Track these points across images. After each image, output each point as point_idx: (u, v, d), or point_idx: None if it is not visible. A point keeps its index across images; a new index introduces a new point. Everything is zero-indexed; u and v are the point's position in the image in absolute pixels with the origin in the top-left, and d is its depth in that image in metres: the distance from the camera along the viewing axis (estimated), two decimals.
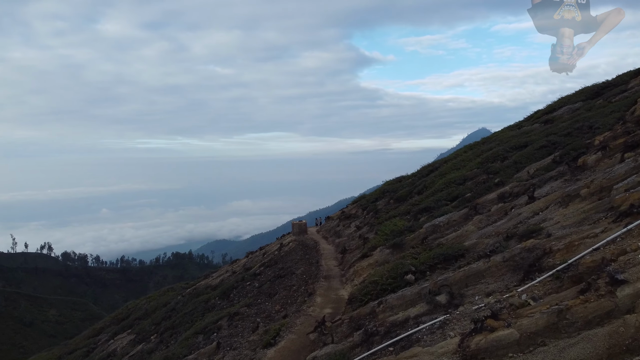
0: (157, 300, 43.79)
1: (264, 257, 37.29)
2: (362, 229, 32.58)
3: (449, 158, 40.25)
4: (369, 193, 45.48)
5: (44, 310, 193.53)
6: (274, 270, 33.01)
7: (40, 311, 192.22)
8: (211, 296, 35.27)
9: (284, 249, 35.74)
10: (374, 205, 37.09)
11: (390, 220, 27.03)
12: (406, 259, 15.95)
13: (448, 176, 31.57)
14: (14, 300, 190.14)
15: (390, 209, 32.71)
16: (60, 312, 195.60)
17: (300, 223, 41.37)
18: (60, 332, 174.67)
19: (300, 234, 39.42)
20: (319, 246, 34.50)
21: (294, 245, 35.21)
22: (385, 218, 29.40)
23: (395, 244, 20.96)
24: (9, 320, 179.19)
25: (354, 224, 36.00)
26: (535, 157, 26.11)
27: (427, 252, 15.97)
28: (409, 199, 33.11)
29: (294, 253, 33.87)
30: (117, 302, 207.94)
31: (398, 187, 38.58)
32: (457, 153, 41.04)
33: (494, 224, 17.34)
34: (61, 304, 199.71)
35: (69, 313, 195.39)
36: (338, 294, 21.89)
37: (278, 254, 35.21)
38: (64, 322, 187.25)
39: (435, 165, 38.99)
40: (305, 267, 30.61)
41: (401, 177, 43.55)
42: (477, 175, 28.42)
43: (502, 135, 38.08)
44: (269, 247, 41.59)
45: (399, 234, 22.72)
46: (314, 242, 36.24)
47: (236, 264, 43.23)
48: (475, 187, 25.84)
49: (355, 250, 28.09)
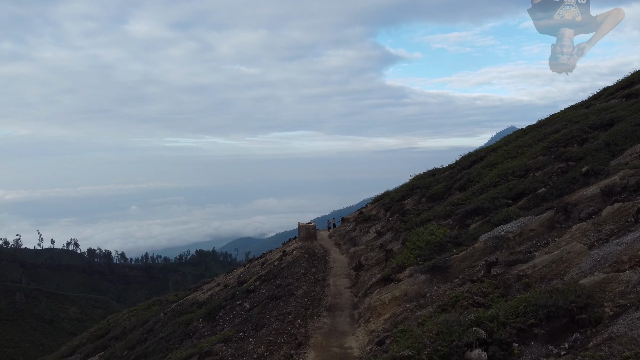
0: (139, 315, 36.67)
1: (263, 267, 29.64)
2: (384, 236, 24.59)
3: (497, 145, 31.79)
4: (394, 190, 37.19)
5: (64, 308, 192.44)
6: (270, 287, 25.46)
7: (61, 308, 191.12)
8: (194, 317, 27.91)
9: (286, 258, 27.98)
10: (399, 204, 28.99)
11: (424, 227, 19.08)
12: (467, 312, 7.92)
13: (501, 166, 23.51)
14: (35, 297, 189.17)
15: (422, 209, 24.61)
16: (81, 310, 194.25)
17: (308, 226, 33.54)
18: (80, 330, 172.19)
19: (307, 240, 31.63)
20: (329, 256, 26.65)
21: (298, 254, 27.42)
22: (416, 222, 21.44)
23: (435, 267, 13.01)
24: (29, 317, 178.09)
25: (374, 228, 28.00)
26: (637, 135, 17.69)
27: (504, 301, 7.92)
28: (448, 196, 25.06)
29: (297, 265, 26.07)
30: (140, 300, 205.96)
31: (431, 182, 30.38)
32: (507, 139, 32.50)
33: (619, 240, 9.15)
34: (82, 301, 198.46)
35: (89, 310, 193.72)
36: (343, 345, 13.87)
37: (279, 264, 27.49)
38: (84, 320, 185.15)
39: (480, 155, 30.64)
40: (309, 285, 22.91)
41: (434, 169, 35.17)
42: (547, 163, 20.27)
43: (567, 115, 29.37)
44: (270, 255, 33.96)
45: (438, 249, 14.78)
46: (323, 250, 28.41)
47: (231, 275, 35.80)
48: (549, 180, 17.64)
49: (374, 266, 20.08)
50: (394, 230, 24.48)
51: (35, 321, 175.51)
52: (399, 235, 22.27)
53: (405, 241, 19.43)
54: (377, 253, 22.45)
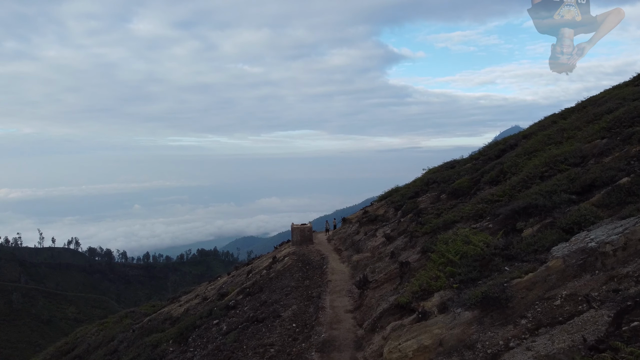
0: (109, 330, 31.78)
1: (248, 277, 24.56)
2: (396, 242, 19.52)
3: (530, 131, 26.59)
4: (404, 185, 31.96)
5: (62, 308, 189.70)
6: (253, 303, 20.46)
7: (59, 308, 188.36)
8: (164, 337, 22.99)
9: (275, 266, 22.93)
10: (413, 202, 23.83)
11: (452, 231, 13.93)
12: None
13: (545, 154, 18.44)
14: (33, 296, 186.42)
15: (443, 208, 19.57)
16: (79, 310, 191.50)
17: (302, 228, 28.47)
18: None
19: (302, 244, 26.56)
20: (327, 266, 21.59)
21: (290, 261, 22.38)
22: (438, 225, 16.55)
23: (487, 299, 7.87)
24: (26, 317, 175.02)
25: (382, 231, 22.92)
26: None
27: None
28: (475, 191, 20.06)
29: (288, 275, 21.05)
30: (140, 299, 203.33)
31: (450, 175, 25.22)
32: (542, 124, 27.24)
33: None
34: (80, 301, 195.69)
35: (88, 310, 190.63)
36: None
37: (266, 274, 22.48)
38: (82, 320, 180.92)
39: (509, 142, 25.44)
40: (300, 304, 17.91)
41: (452, 161, 29.95)
42: (612, 147, 15.28)
43: (618, 93, 24.11)
44: (258, 262, 28.92)
45: (480, 264, 9.82)
46: (320, 257, 23.37)
47: (213, 285, 30.70)
48: (627, 166, 12.55)
49: (384, 283, 14.96)
50: (407, 234, 19.35)
51: (32, 321, 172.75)
52: (416, 241, 17.16)
53: (426, 250, 14.28)
54: (388, 264, 17.33)
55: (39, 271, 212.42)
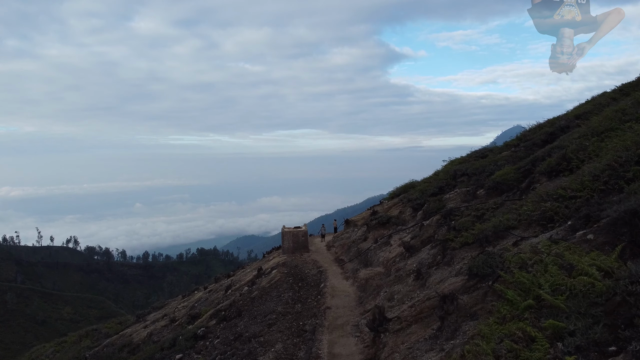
0: (64, 352, 26.45)
1: (227, 295, 19.07)
2: (419, 254, 14.17)
3: (584, 110, 21.02)
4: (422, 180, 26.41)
5: (58, 308, 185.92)
6: (227, 335, 15.18)
7: (55, 309, 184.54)
8: None
9: (260, 282, 17.55)
10: (438, 200, 18.21)
11: (516, 243, 8.45)
12: None
13: (632, 132, 12.94)
14: (27, 296, 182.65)
15: (485, 207, 14.06)
16: (75, 310, 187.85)
17: (295, 232, 22.99)
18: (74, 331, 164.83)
19: (295, 252, 21.21)
20: (325, 283, 16.22)
21: (279, 276, 17.04)
22: (487, 232, 11.07)
23: None
24: (21, 317, 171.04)
25: (398, 238, 17.50)
26: None
27: None
28: (530, 185, 14.62)
29: (275, 295, 15.65)
30: (139, 299, 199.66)
31: (484, 165, 19.65)
32: (598, 101, 21.68)
33: None
34: (77, 301, 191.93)
35: (84, 311, 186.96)
36: None
37: (248, 292, 17.06)
38: (78, 321, 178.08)
39: (559, 124, 20.10)
40: (286, 342, 12.61)
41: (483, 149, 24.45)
42: None
43: None
44: (242, 274, 23.49)
45: (608, 314, 3.94)
46: (316, 270, 18.05)
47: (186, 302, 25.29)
48: None
49: (412, 324, 9.50)
50: (436, 243, 13.84)
51: (26, 322, 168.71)
52: (452, 256, 11.71)
53: (478, 274, 8.75)
54: (412, 289, 11.89)
55: (35, 270, 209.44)
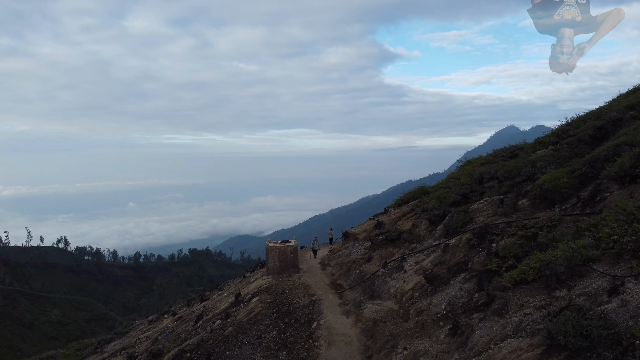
0: None
1: (196, 327, 14.91)
2: (447, 290, 10.38)
3: None
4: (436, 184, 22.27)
5: (46, 310, 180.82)
6: None
7: (42, 311, 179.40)
8: None
9: (236, 314, 13.61)
10: (463, 211, 14.08)
11: None
12: None
13: None
14: (14, 298, 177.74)
15: (537, 227, 9.91)
16: (63, 312, 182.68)
17: (282, 248, 19.01)
18: (62, 334, 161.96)
19: (282, 272, 17.45)
20: (320, 322, 12.24)
21: (260, 307, 13.32)
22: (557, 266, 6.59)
23: None
24: (7, 320, 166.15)
25: (414, 261, 13.47)
26: None
27: None
28: (596, 194, 10.39)
29: (254, 334, 11.74)
30: (129, 301, 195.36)
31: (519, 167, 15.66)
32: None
33: None
34: (65, 303, 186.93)
35: (73, 313, 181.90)
36: None
37: (220, 328, 12.78)
38: (67, 323, 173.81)
39: (609, 116, 16.22)
40: None
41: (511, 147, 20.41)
42: None
43: None
44: (217, 300, 19.22)
45: None
46: (308, 300, 14.41)
47: (151, 330, 21.15)
48: None
49: None
50: (470, 275, 9.86)
51: (13, 324, 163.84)
52: (501, 298, 7.74)
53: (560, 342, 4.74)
54: (447, 348, 8.68)
55: (24, 271, 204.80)
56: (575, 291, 7.97)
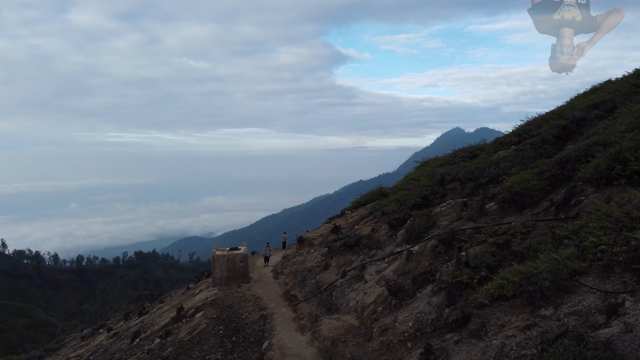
0: None
1: (132, 346, 13.27)
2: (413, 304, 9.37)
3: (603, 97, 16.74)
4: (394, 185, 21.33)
5: None
6: None
7: None
8: None
9: (178, 332, 11.99)
10: (425, 214, 13.16)
11: None
12: None
13: None
14: None
15: (510, 233, 8.94)
16: (0, 319, 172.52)
17: (230, 256, 17.67)
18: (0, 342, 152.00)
19: (230, 283, 16.02)
20: (271, 340, 10.94)
21: (205, 325, 11.88)
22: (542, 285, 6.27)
23: None
24: None
25: (375, 270, 12.20)
26: None
27: None
28: (570, 197, 9.65)
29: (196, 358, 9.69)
30: (71, 306, 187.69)
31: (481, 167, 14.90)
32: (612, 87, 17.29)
33: None
34: (2, 310, 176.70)
35: (11, 320, 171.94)
36: None
37: (159, 348, 11.16)
38: (5, 331, 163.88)
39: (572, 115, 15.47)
40: None
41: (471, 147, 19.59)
42: None
43: None
44: (157, 314, 17.52)
45: None
46: (258, 315, 13.13)
47: (83, 349, 19.18)
48: None
49: None
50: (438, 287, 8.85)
51: None
52: (478, 317, 6.76)
53: None
54: None
55: None
56: (564, 310, 7.09)
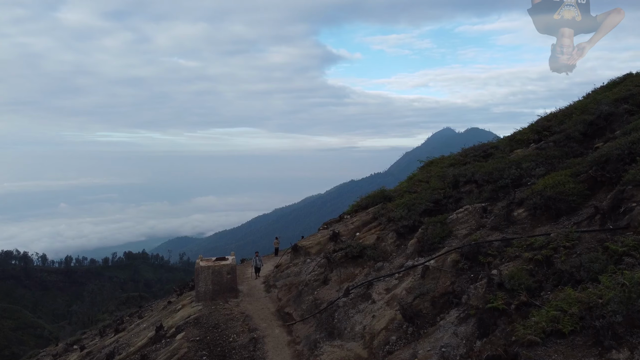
0: None
1: None
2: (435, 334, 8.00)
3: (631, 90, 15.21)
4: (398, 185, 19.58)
5: None
6: None
7: None
8: None
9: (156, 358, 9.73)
10: (439, 221, 11.35)
11: None
12: None
13: None
14: None
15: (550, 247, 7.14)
16: None
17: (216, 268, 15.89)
18: None
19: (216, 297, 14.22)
20: None
21: (186, 349, 9.91)
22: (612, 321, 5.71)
23: None
24: None
25: (384, 288, 10.44)
26: None
27: None
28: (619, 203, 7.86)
29: None
30: (59, 308, 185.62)
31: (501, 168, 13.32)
32: None
33: None
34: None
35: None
36: None
37: None
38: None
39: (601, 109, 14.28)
40: None
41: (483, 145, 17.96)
42: None
43: None
44: (135, 331, 15.69)
45: None
46: (248, 338, 11.82)
47: None
48: None
49: None
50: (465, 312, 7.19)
51: None
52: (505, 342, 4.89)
53: None
54: None
55: None
56: None
